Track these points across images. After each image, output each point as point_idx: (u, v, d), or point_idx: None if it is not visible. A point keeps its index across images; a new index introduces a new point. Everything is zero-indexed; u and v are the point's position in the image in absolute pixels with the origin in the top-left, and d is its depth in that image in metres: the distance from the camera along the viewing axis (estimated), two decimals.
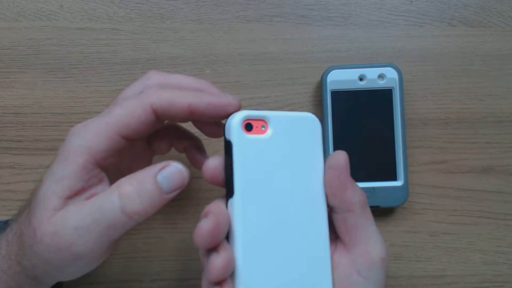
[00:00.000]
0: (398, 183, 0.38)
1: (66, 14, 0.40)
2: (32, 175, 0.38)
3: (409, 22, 0.41)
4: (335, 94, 0.38)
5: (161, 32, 0.40)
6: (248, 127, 0.25)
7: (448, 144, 0.40)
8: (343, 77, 0.38)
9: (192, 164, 0.32)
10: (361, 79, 0.38)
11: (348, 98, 0.38)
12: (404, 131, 0.38)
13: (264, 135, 0.25)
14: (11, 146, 0.38)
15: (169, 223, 0.38)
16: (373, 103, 0.38)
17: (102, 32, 0.40)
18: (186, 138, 0.32)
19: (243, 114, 0.25)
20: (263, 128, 0.25)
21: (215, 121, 0.29)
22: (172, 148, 0.32)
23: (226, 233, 0.24)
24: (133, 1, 0.40)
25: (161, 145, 0.31)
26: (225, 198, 0.25)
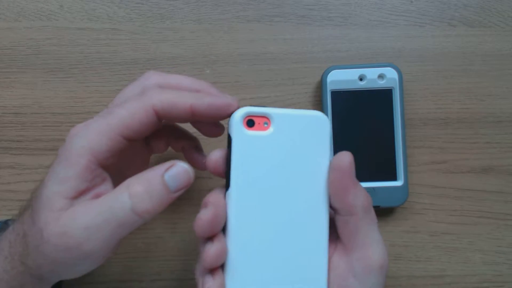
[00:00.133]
0: (398, 183, 0.38)
1: (66, 14, 0.40)
2: (32, 175, 0.38)
3: (409, 22, 0.41)
4: (335, 94, 0.38)
5: (161, 32, 0.40)
6: (250, 123, 0.25)
7: (448, 144, 0.40)
8: (343, 77, 0.38)
9: (190, 164, 0.32)
10: (361, 79, 0.38)
11: (348, 98, 0.38)
12: (404, 131, 0.38)
13: (266, 132, 0.25)
14: (11, 146, 0.38)
15: (169, 223, 0.38)
16: (373, 103, 0.38)
17: (102, 32, 0.40)
18: (184, 138, 0.32)
19: (245, 110, 0.25)
20: (266, 125, 0.25)
21: (214, 122, 0.29)
22: (169, 148, 0.32)
23: (224, 224, 0.25)
24: (133, 1, 0.40)
25: (159, 145, 0.31)
26: (225, 189, 0.25)
